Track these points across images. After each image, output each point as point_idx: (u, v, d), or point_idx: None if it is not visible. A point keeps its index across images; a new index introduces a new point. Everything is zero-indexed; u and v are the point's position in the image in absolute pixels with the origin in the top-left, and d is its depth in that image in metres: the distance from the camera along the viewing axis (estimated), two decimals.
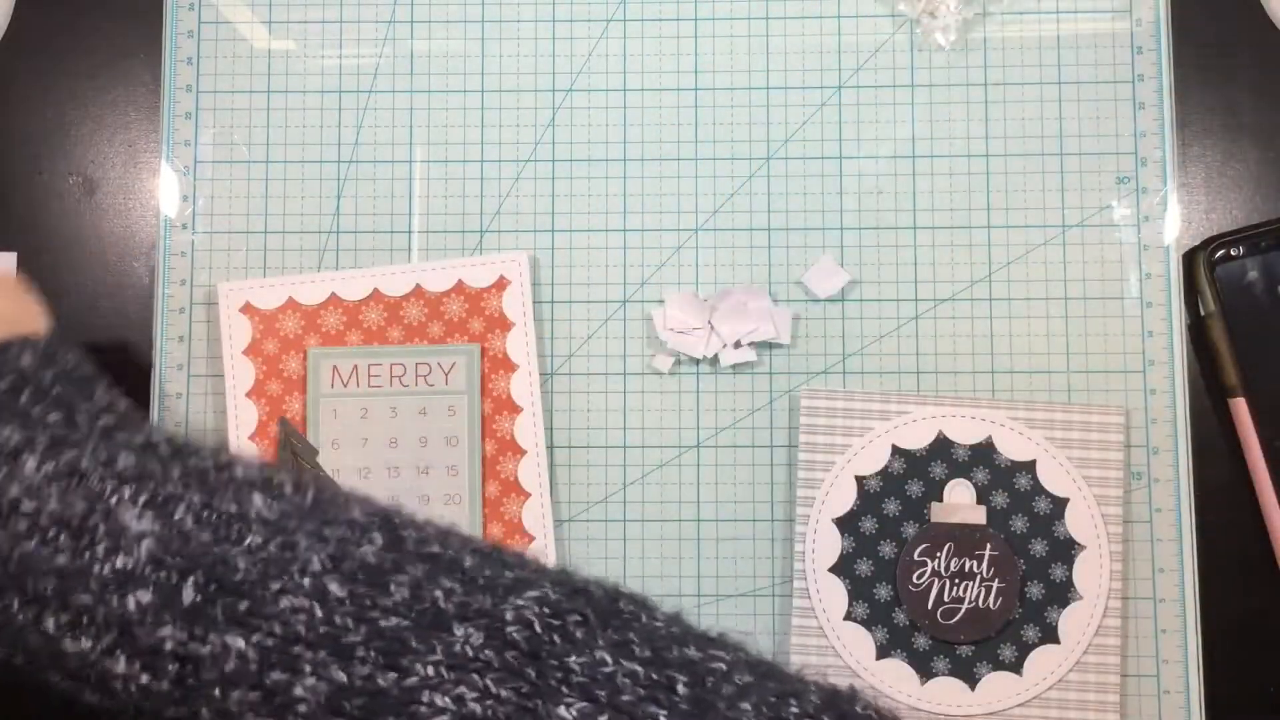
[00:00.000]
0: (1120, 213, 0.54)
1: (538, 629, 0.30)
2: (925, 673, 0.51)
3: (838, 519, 0.52)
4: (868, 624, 0.51)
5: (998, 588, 0.51)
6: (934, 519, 0.52)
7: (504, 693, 0.28)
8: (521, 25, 0.56)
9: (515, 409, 0.53)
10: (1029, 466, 0.52)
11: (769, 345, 0.54)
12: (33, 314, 0.41)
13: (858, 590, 0.52)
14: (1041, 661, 0.51)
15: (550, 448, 0.54)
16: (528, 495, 0.53)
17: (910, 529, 0.52)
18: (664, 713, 0.28)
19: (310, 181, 0.55)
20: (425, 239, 0.55)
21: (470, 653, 0.29)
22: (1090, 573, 0.51)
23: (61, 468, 0.31)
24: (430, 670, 0.29)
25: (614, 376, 0.54)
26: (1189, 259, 0.54)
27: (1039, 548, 0.51)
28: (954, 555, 0.51)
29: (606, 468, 0.54)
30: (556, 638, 0.30)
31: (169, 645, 0.29)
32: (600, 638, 0.30)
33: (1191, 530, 0.53)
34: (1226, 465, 0.53)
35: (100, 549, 0.30)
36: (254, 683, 0.29)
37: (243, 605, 0.29)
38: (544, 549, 0.53)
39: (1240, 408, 0.52)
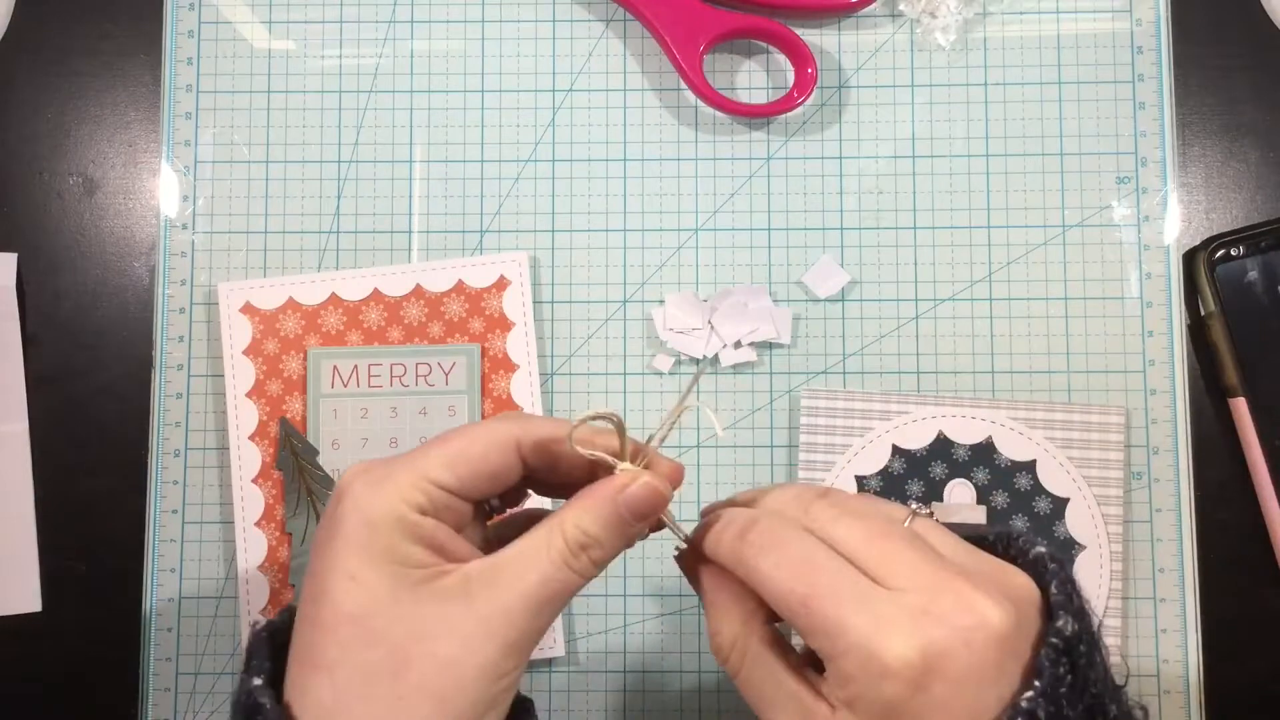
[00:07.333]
0: (1120, 213, 0.54)
1: None
2: None
3: None
4: None
5: None
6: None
7: None
8: (521, 25, 0.56)
9: (516, 409, 0.53)
10: (1029, 466, 0.52)
11: (769, 345, 0.54)
12: None
13: None
14: None
15: None
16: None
17: None
18: None
19: (310, 181, 0.55)
20: (425, 239, 0.55)
21: None
22: (1090, 572, 0.51)
23: None
24: None
25: (614, 376, 0.54)
26: (1189, 259, 0.54)
27: None
28: None
29: None
30: None
31: None
32: None
33: (1191, 530, 0.53)
34: (1226, 465, 0.53)
35: None
36: None
37: None
38: None
39: (1240, 408, 0.52)
